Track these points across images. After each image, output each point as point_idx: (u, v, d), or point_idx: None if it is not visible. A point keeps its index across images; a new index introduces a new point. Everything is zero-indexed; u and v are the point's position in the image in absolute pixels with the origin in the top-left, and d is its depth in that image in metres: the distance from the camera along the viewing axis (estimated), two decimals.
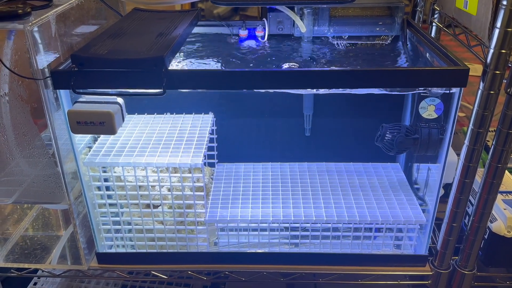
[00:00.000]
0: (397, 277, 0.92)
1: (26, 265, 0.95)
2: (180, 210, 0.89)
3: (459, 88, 0.74)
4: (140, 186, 0.87)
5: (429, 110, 0.79)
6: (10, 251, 0.99)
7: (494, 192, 0.79)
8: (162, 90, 0.71)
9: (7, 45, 0.72)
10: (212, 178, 1.04)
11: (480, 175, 0.82)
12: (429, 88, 0.77)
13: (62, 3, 0.80)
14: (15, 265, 0.95)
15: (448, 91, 0.76)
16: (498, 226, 0.87)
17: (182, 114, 1.02)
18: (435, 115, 0.80)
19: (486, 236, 0.89)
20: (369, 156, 1.06)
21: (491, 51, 0.69)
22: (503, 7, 0.65)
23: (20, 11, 0.70)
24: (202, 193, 0.87)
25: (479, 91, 0.72)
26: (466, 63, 0.73)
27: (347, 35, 0.97)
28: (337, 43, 0.96)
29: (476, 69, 0.83)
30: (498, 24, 0.66)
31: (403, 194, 0.96)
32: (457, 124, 0.78)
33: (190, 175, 0.86)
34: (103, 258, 0.93)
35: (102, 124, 0.73)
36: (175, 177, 0.87)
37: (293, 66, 0.84)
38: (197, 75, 0.74)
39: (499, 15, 0.66)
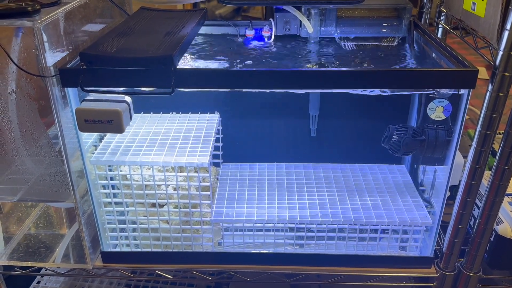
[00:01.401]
0: (402, 279, 0.92)
1: (30, 264, 0.95)
2: (186, 210, 0.89)
3: (467, 90, 0.74)
4: (146, 185, 0.87)
5: (437, 112, 0.79)
6: (14, 250, 0.98)
7: (501, 194, 0.79)
8: (170, 89, 0.71)
9: (15, 42, 0.72)
10: (217, 178, 1.04)
11: (486, 177, 0.82)
12: (438, 90, 0.77)
13: (70, 1, 0.80)
14: (19, 264, 0.95)
15: (456, 93, 0.76)
16: (504, 228, 0.87)
17: (188, 113, 1.02)
18: (443, 117, 0.80)
19: (492, 239, 0.89)
20: (375, 157, 1.06)
21: (500, 53, 0.69)
22: None
23: (29, 8, 0.70)
24: (208, 193, 0.87)
25: (488, 93, 0.72)
26: None
27: (354, 36, 0.97)
28: (344, 44, 0.96)
29: (480, 72, 0.83)
30: (508, 26, 0.66)
31: (409, 195, 0.96)
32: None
33: (196, 174, 0.86)
34: (108, 257, 0.93)
35: (110, 123, 0.73)
36: (181, 176, 0.87)
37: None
38: (206, 74, 0.74)
39: (508, 16, 0.66)
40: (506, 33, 0.67)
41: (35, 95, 0.76)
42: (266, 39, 0.99)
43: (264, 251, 0.93)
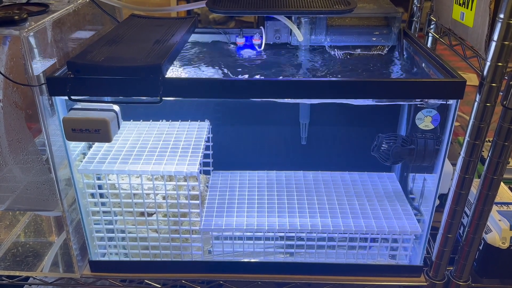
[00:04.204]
0: (392, 287, 0.92)
1: (17, 273, 0.94)
2: (175, 219, 0.88)
3: (455, 100, 0.74)
4: (134, 194, 0.86)
5: (425, 121, 0.79)
6: (2, 258, 0.97)
7: (490, 203, 0.79)
8: (158, 98, 0.70)
9: (2, 51, 0.71)
10: (207, 186, 1.03)
11: (475, 186, 0.82)
12: (426, 100, 0.77)
13: (58, 9, 0.80)
14: (6, 273, 0.94)
15: (445, 102, 0.76)
16: (493, 237, 0.87)
17: (178, 121, 1.02)
18: (431, 126, 0.80)
19: (481, 247, 0.89)
20: (365, 166, 1.06)
21: (488, 63, 0.69)
22: (500, 20, 0.65)
23: (16, 17, 0.70)
24: (197, 202, 0.86)
25: (476, 103, 0.72)
26: (460, 72, 0.73)
27: (344, 44, 0.97)
28: (333, 53, 0.96)
29: (470, 78, 0.83)
30: (495, 37, 0.67)
31: (399, 204, 0.96)
32: (452, 134, 0.78)
33: (185, 183, 0.85)
34: (96, 266, 0.92)
35: (98, 132, 0.73)
36: (170, 185, 0.86)
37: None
38: (194, 84, 0.73)
39: (496, 28, 0.66)
40: (493, 44, 0.67)
41: (22, 104, 0.75)
42: (256, 47, 0.99)
43: (254, 260, 0.92)
